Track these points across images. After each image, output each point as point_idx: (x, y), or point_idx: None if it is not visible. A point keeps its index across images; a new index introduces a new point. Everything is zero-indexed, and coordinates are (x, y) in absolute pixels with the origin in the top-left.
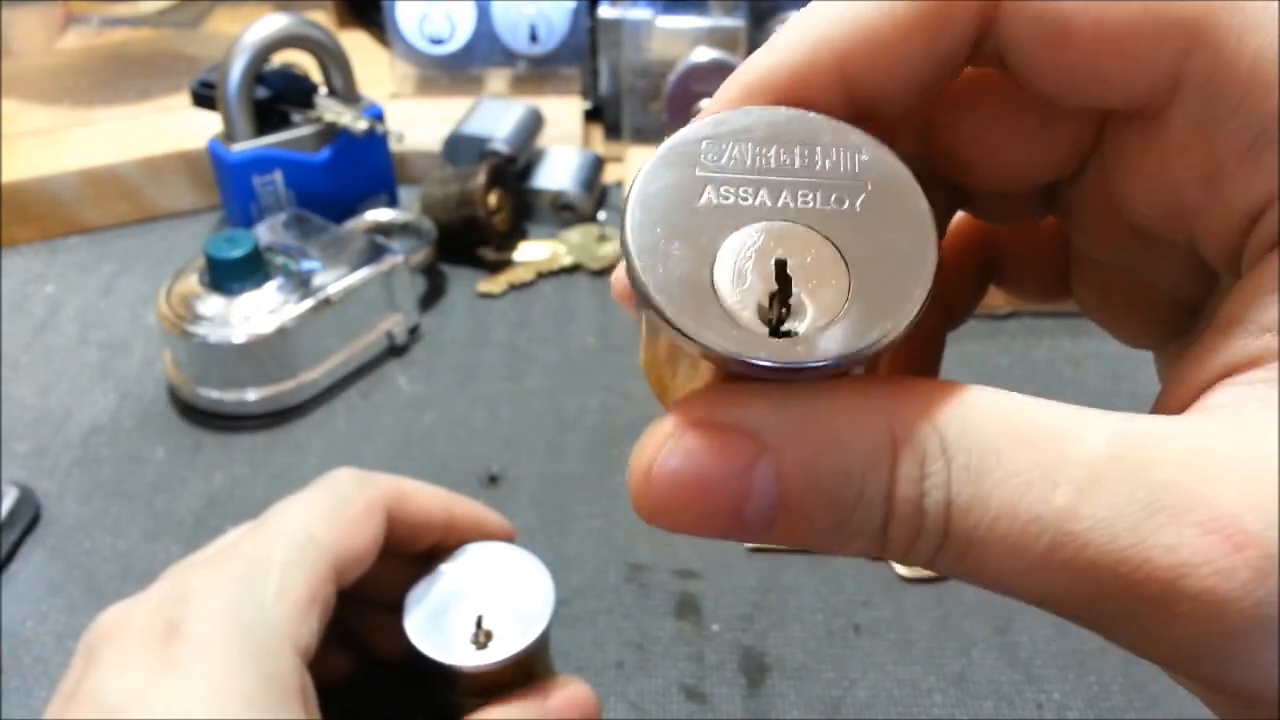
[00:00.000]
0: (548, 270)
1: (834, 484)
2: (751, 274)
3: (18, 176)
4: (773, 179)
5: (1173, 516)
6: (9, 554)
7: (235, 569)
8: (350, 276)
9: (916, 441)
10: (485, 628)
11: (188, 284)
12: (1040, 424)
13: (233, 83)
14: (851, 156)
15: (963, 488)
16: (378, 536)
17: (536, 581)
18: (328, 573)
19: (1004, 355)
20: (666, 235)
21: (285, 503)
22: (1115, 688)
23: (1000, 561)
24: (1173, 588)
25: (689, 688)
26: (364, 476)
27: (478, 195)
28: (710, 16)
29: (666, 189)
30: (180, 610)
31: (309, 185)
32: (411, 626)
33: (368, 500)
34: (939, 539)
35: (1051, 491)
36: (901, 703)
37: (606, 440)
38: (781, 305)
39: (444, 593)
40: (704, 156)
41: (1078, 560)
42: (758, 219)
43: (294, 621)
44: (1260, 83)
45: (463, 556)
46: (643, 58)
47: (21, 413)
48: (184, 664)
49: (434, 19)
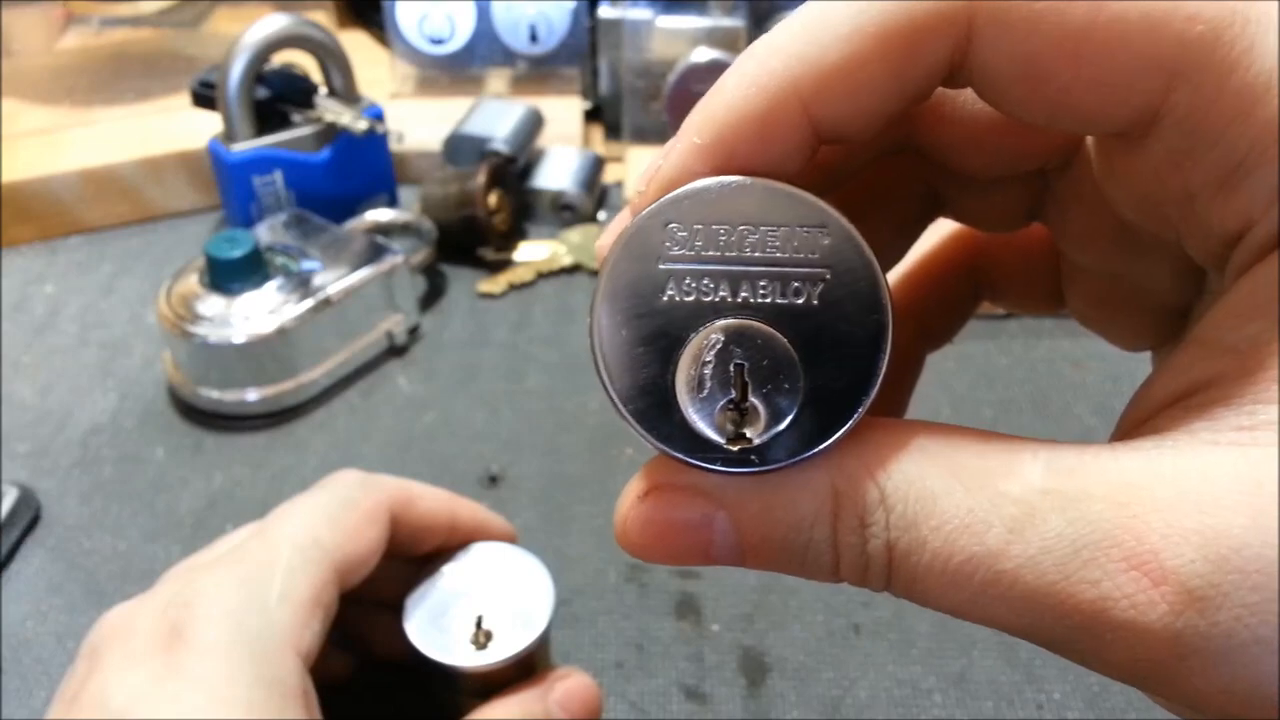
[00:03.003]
0: (548, 270)
1: (785, 534)
2: (710, 381)
3: (18, 176)
4: (734, 268)
5: (1098, 552)
6: (9, 554)
7: (239, 572)
8: (350, 276)
9: (857, 494)
10: (485, 628)
11: (188, 284)
12: (977, 464)
13: (233, 83)
14: (814, 239)
15: (900, 534)
16: (381, 540)
17: (536, 581)
18: (331, 576)
19: (1004, 355)
20: (631, 340)
21: (290, 504)
22: (1115, 688)
23: (942, 594)
24: (1098, 620)
25: (689, 688)
26: (369, 479)
27: (478, 195)
28: (710, 16)
29: (631, 285)
30: (185, 614)
31: (309, 185)
32: (411, 627)
33: (372, 504)
34: (885, 575)
35: (984, 533)
36: (901, 703)
37: (606, 440)
38: (738, 413)
39: (444, 593)
40: (667, 244)
41: (1011, 594)
42: (718, 315)
43: (297, 626)
44: (1242, 115)
45: (463, 557)
46: (643, 58)
47: (21, 413)
48: (188, 668)
49: (434, 19)
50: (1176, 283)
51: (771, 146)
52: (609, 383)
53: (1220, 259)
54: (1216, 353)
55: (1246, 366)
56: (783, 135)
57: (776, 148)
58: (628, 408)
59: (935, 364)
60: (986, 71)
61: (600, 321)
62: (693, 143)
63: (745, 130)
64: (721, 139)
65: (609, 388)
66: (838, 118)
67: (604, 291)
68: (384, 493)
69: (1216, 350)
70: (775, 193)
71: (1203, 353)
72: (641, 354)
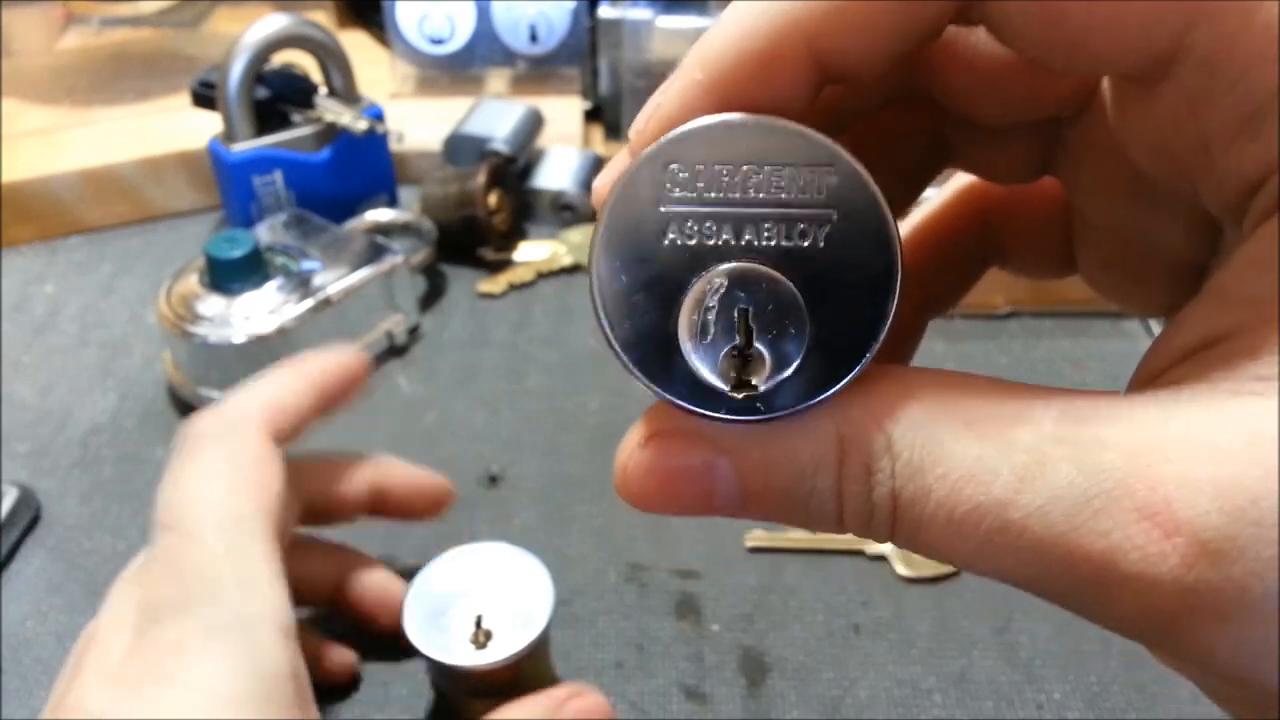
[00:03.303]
0: (548, 270)
1: (788, 482)
2: (714, 327)
3: (18, 176)
4: (737, 210)
5: (1109, 501)
6: (9, 554)
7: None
8: (350, 276)
9: (863, 442)
10: (485, 627)
11: (188, 284)
12: (987, 411)
13: (233, 83)
14: (819, 179)
15: (906, 482)
16: (282, 469)
17: (536, 581)
18: (272, 540)
19: (1004, 355)
20: (631, 286)
21: (178, 487)
22: (1115, 688)
23: (947, 544)
24: (1107, 571)
25: (689, 688)
26: (219, 414)
27: (478, 195)
28: (710, 16)
29: (630, 230)
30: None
31: (309, 185)
32: (410, 626)
33: (249, 439)
34: (889, 524)
35: (992, 482)
36: (901, 703)
37: (606, 440)
38: (742, 359)
39: (443, 592)
40: (667, 186)
41: (1018, 545)
42: (721, 260)
43: (268, 604)
44: (1263, 56)
45: (462, 556)
46: (643, 58)
47: (21, 413)
48: (163, 671)
49: (434, 19)
50: (1191, 239)
51: (775, 83)
52: (609, 330)
53: (1238, 209)
54: (1235, 303)
55: (1266, 316)
56: (787, 72)
57: (780, 85)
58: (629, 355)
59: (936, 364)
60: (1001, 8)
61: (599, 267)
62: (694, 79)
63: (748, 66)
64: (723, 75)
65: (609, 335)
66: (844, 54)
67: (602, 236)
68: (245, 416)
69: (1235, 301)
70: (780, 130)
71: (1221, 304)
72: (642, 300)
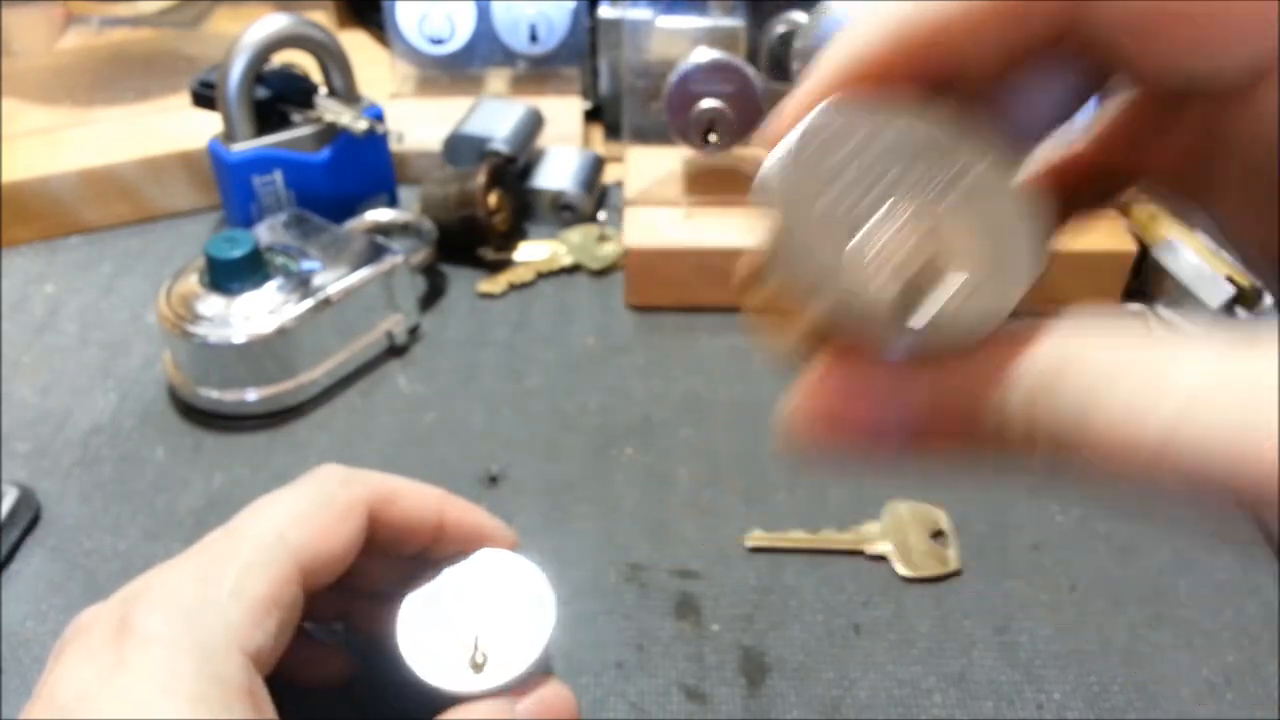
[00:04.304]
0: (548, 270)
1: (958, 408)
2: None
3: (18, 176)
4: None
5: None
6: (9, 554)
7: (195, 567)
8: (350, 276)
9: (1031, 367)
10: (482, 649)
11: (188, 284)
12: (1147, 351)
13: (233, 83)
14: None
15: (1069, 413)
16: (355, 538)
17: (538, 596)
18: (293, 574)
19: None
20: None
21: (265, 499)
22: (1115, 688)
23: (1107, 471)
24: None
25: (689, 688)
26: (350, 475)
27: (478, 195)
28: (710, 16)
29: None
30: (134, 607)
31: (309, 185)
32: (406, 644)
33: (348, 500)
34: (1054, 446)
35: (1158, 405)
36: (901, 703)
37: (606, 440)
38: (912, 292)
39: (441, 607)
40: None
41: (1177, 469)
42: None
43: (247, 624)
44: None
45: (462, 566)
46: (643, 58)
47: (21, 413)
48: (133, 662)
49: (434, 19)
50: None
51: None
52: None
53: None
54: None
55: None
56: (901, 82)
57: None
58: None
59: None
60: (1094, 35)
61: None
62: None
63: (860, 78)
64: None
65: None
66: (950, 69)
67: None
68: (364, 488)
69: None
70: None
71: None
72: (817, 236)
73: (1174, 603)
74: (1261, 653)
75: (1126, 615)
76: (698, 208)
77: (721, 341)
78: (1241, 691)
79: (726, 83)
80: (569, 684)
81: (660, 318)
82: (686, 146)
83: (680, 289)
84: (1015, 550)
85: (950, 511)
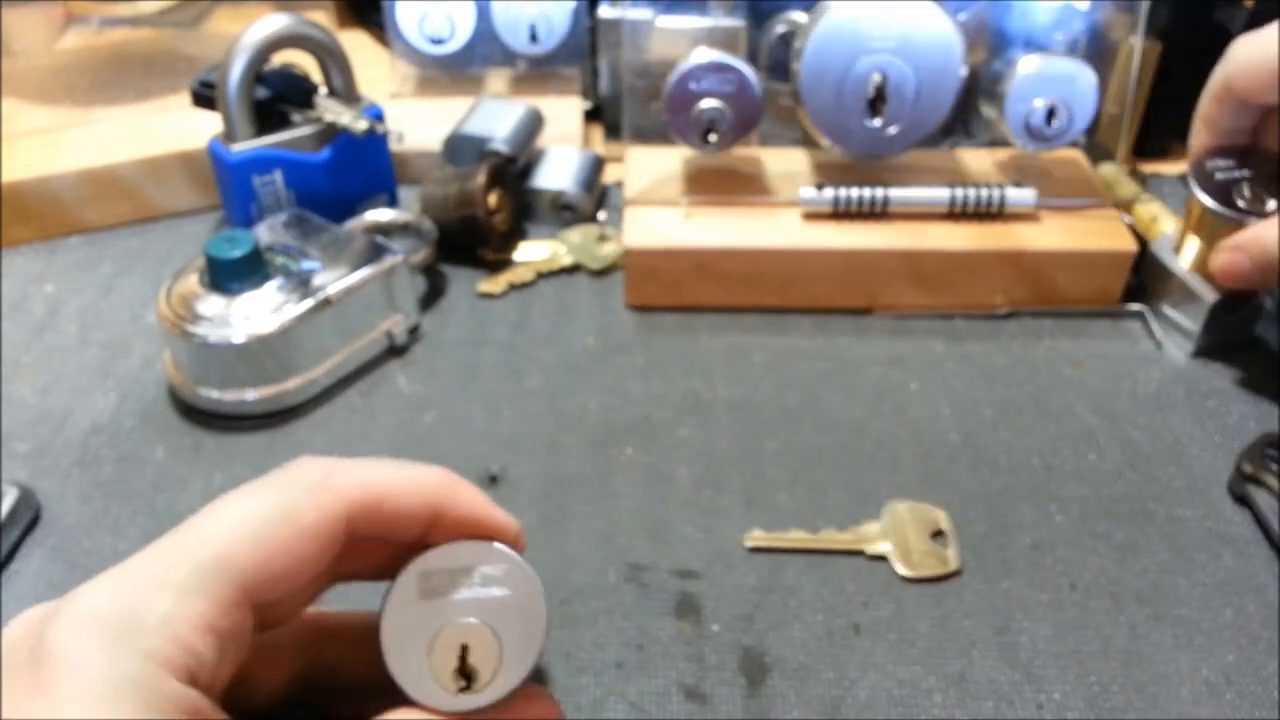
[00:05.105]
0: (548, 270)
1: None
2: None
3: (18, 176)
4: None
5: None
6: (9, 554)
7: (129, 583)
8: (350, 276)
9: None
10: (470, 662)
11: (188, 284)
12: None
13: (233, 83)
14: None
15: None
16: (320, 557)
17: (530, 603)
18: (236, 599)
19: (1004, 355)
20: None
21: (224, 501)
22: (1115, 688)
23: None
24: None
25: (689, 688)
26: (329, 476)
27: (478, 195)
28: (710, 16)
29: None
30: (55, 625)
31: (309, 185)
32: (390, 650)
33: (316, 520)
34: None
35: None
36: (901, 703)
37: (606, 440)
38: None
39: (427, 611)
40: None
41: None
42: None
43: (176, 652)
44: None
45: (453, 564)
46: (643, 58)
47: (21, 413)
48: (49, 690)
49: (434, 19)
50: None
51: None
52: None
53: None
54: None
55: None
56: None
57: None
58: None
59: (935, 364)
60: None
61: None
62: None
63: None
64: None
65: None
66: None
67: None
68: (338, 502)
69: None
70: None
71: None
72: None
73: (1174, 603)
74: (1261, 653)
75: (1126, 615)
76: (698, 208)
77: (721, 341)
78: (1241, 691)
79: (726, 83)
80: (568, 684)
81: (660, 318)
82: (686, 146)
83: (680, 289)
84: (1015, 550)
85: (950, 511)
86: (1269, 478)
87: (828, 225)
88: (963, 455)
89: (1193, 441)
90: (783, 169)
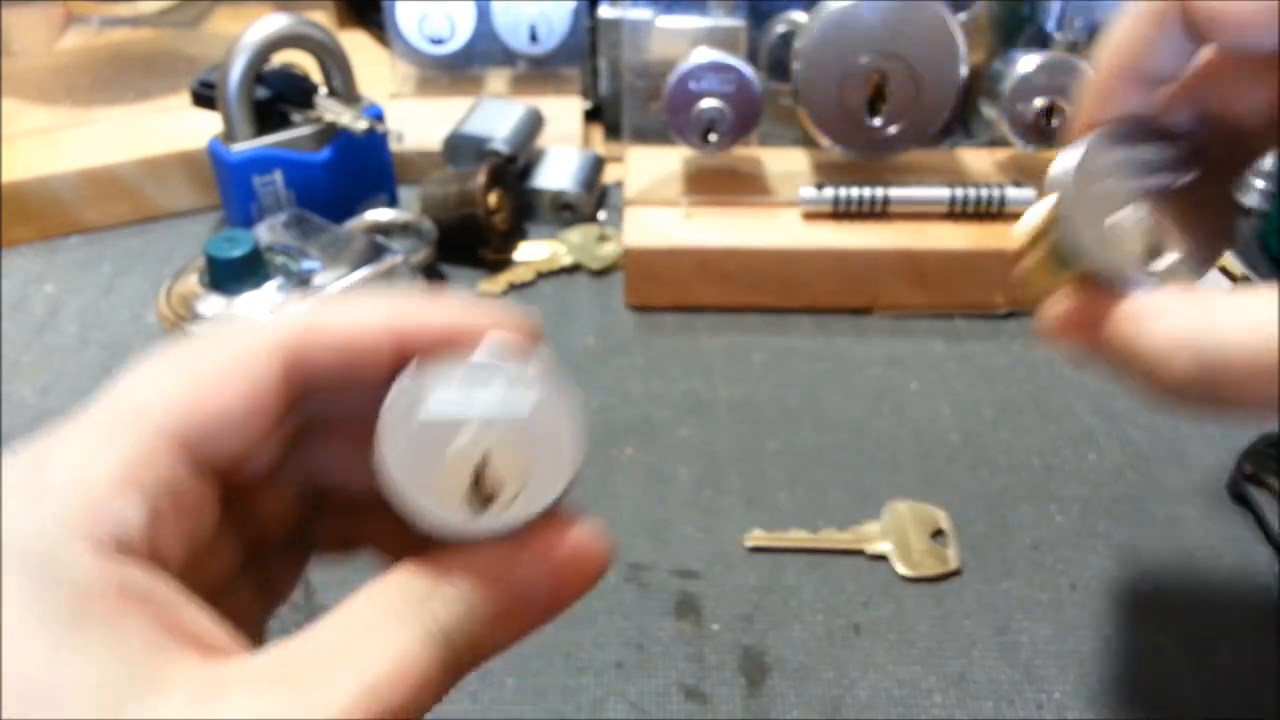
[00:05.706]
0: (548, 270)
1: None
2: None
3: (18, 176)
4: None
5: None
6: None
7: (30, 457)
8: (350, 276)
9: None
10: (487, 481)
11: (188, 284)
12: None
13: (233, 83)
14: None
15: None
16: (260, 393)
17: (560, 414)
18: (158, 445)
19: (1004, 355)
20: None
21: (132, 365)
22: (1115, 687)
23: None
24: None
25: (689, 688)
26: (261, 319)
27: (478, 195)
28: (710, 16)
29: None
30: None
31: (309, 185)
32: (390, 458)
33: (242, 347)
34: None
35: None
36: (901, 703)
37: (606, 440)
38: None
39: (436, 422)
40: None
41: None
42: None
43: (88, 515)
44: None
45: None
46: (643, 58)
47: (21, 413)
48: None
49: (434, 19)
50: None
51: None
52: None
53: None
54: None
55: None
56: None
57: None
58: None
59: (935, 364)
60: None
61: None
62: None
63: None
64: None
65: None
66: None
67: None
68: (267, 331)
69: None
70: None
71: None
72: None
73: (1174, 603)
74: (1261, 653)
75: (1126, 615)
76: (698, 208)
77: (721, 341)
78: (1242, 691)
79: (726, 83)
80: (568, 684)
81: (660, 318)
82: (686, 146)
83: (680, 289)
84: (1015, 550)
85: (950, 511)
86: (1269, 478)
87: (828, 225)
88: (963, 455)
89: (1193, 441)
90: (783, 169)
